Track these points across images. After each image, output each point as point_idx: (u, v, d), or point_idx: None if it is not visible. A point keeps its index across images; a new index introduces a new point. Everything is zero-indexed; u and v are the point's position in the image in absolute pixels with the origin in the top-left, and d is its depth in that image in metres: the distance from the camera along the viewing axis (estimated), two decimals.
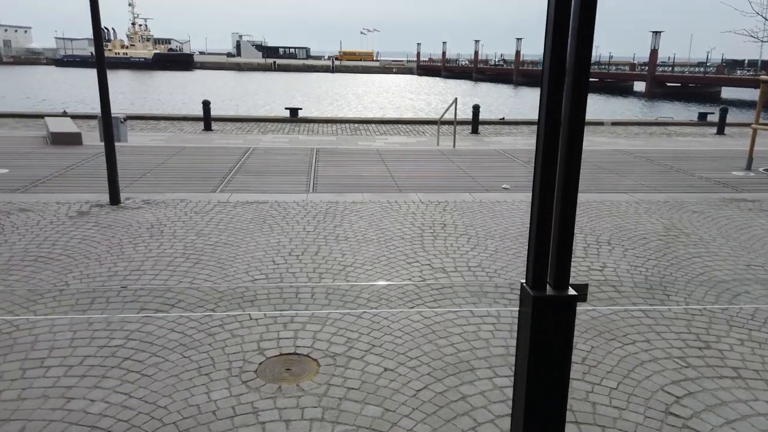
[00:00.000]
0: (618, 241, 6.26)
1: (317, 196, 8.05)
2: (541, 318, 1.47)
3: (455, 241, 6.19)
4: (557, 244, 1.47)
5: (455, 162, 11.11)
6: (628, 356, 3.83)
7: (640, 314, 4.46)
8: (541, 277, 1.49)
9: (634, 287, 4.99)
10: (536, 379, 1.51)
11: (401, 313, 4.42)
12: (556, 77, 1.36)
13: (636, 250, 5.95)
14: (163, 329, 4.06)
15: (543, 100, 1.37)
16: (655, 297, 4.79)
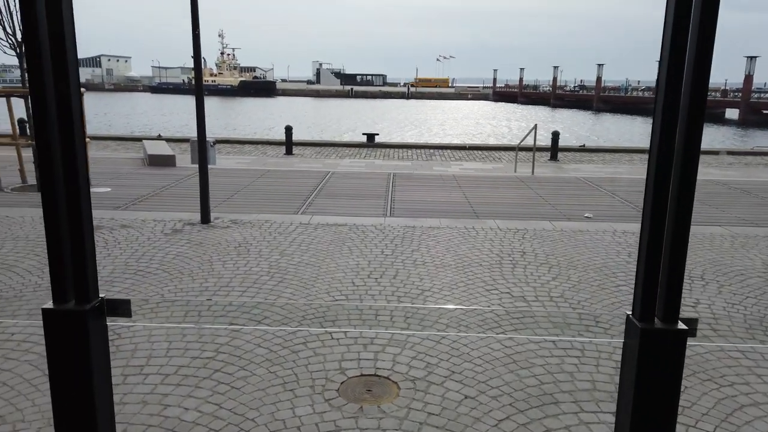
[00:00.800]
0: (712, 276, 5.92)
1: (394, 220, 8.15)
2: (648, 352, 1.44)
3: (535, 270, 6.08)
4: (667, 275, 1.44)
5: (534, 189, 10.92)
6: (725, 399, 3.59)
7: (738, 354, 4.18)
8: (649, 309, 1.46)
9: (731, 326, 4.69)
10: (642, 416, 1.47)
11: (481, 341, 4.38)
12: (671, 106, 1.36)
13: (732, 287, 5.60)
14: (251, 344, 4.24)
15: (656, 128, 1.37)
16: (755, 337, 4.48)
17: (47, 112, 1.36)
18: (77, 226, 1.47)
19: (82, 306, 1.52)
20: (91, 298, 1.54)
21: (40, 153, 1.40)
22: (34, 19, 1.33)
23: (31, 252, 6.29)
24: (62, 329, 1.51)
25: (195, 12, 7.11)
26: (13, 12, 9.06)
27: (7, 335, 4.30)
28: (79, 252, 1.49)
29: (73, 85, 1.38)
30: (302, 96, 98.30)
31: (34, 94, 1.36)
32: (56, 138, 1.39)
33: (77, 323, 1.51)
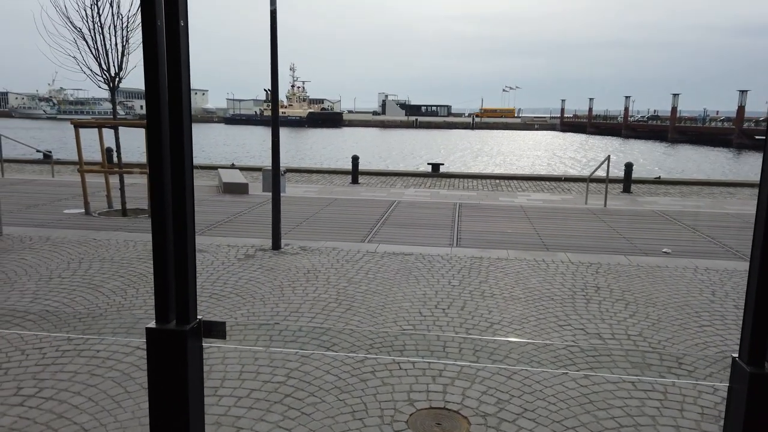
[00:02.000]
0: None
1: (461, 251, 8.07)
2: (758, 399, 1.34)
3: (611, 306, 5.83)
4: None
5: (607, 222, 10.55)
6: None
7: None
8: (759, 351, 1.37)
9: None
10: None
11: (554, 378, 4.22)
12: None
13: None
14: (320, 370, 4.27)
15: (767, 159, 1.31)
16: None
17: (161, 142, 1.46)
18: (182, 248, 1.55)
19: (182, 326, 1.59)
20: (191, 319, 1.61)
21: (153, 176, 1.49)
22: (154, 52, 1.44)
23: (116, 273, 6.66)
24: (163, 348, 1.58)
25: (274, 45, 7.45)
26: (109, 50, 9.82)
27: (93, 352, 4.54)
28: (182, 274, 1.57)
29: (185, 115, 1.48)
30: (368, 126, 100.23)
31: (151, 122, 1.47)
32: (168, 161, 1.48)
33: (177, 343, 1.58)
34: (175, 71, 1.47)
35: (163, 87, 1.48)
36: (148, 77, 1.48)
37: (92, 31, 9.73)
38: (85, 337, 4.82)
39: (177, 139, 1.47)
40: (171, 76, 1.47)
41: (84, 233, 8.64)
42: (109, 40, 9.79)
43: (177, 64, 1.47)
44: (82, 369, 4.23)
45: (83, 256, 7.33)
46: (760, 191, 1.35)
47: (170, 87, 1.48)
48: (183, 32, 1.48)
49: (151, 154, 1.47)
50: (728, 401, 1.51)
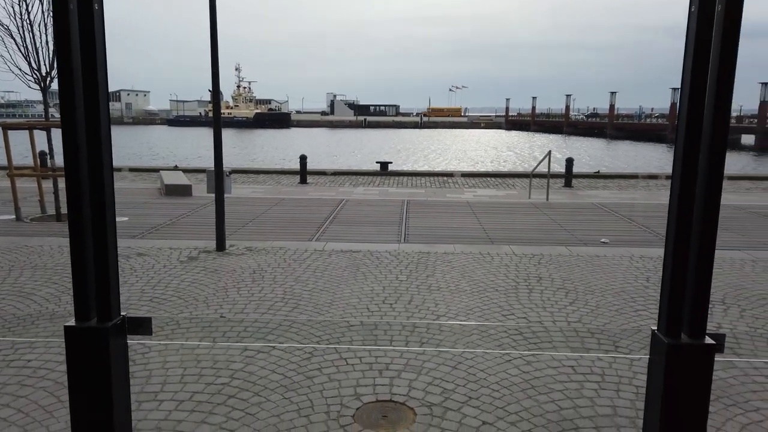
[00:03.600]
0: (733, 300, 5.80)
1: (409, 246, 8.13)
2: (675, 367, 1.41)
3: (552, 295, 6.00)
4: (694, 289, 1.43)
5: (549, 215, 10.86)
6: (751, 424, 3.48)
7: (763, 379, 4.07)
8: (675, 324, 1.44)
9: (754, 350, 4.58)
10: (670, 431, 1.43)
11: (498, 366, 4.31)
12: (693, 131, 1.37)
13: (755, 311, 5.47)
14: (265, 370, 4.21)
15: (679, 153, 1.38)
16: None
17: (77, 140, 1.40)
18: (102, 244, 1.50)
19: (104, 323, 1.53)
20: (113, 315, 1.55)
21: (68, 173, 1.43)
22: (67, 51, 1.38)
23: (49, 280, 6.35)
24: (84, 346, 1.52)
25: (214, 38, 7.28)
26: (39, 48, 9.36)
27: (23, 362, 4.32)
28: (102, 270, 1.51)
29: (103, 116, 1.42)
30: (316, 127, 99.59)
31: (66, 122, 1.40)
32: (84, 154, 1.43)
33: (99, 340, 1.52)
34: (89, 57, 1.41)
35: (77, 76, 1.41)
36: (60, 66, 1.41)
37: (21, 29, 9.26)
38: (15, 346, 4.58)
39: (93, 125, 1.42)
40: (86, 61, 1.41)
41: (15, 240, 8.21)
42: (39, 38, 9.34)
43: (92, 50, 1.41)
44: (11, 380, 4.02)
45: (13, 264, 6.96)
46: (672, 183, 1.42)
47: (85, 73, 1.41)
48: (98, 15, 1.42)
49: (67, 147, 1.41)
50: (649, 371, 1.58)
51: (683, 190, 1.44)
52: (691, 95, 1.36)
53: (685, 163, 1.46)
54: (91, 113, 1.43)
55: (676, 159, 1.48)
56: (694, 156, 1.44)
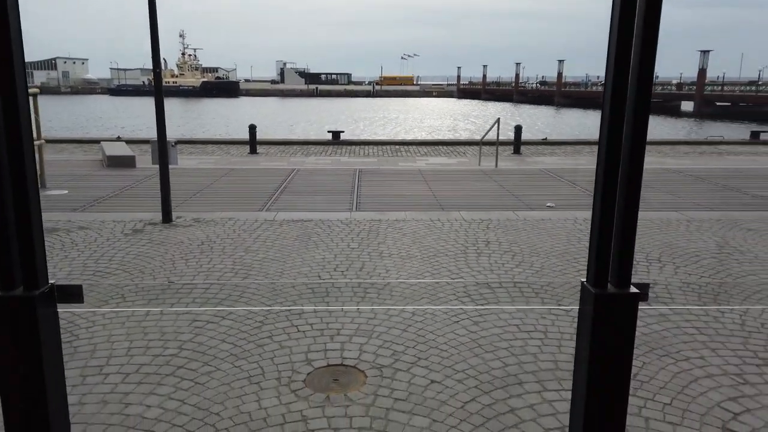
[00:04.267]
0: (669, 258, 6.10)
1: (360, 215, 8.15)
2: (603, 316, 1.48)
3: (500, 258, 6.16)
4: (619, 242, 1.49)
5: (498, 181, 11.07)
6: (681, 372, 3.71)
7: (694, 331, 4.33)
8: (602, 275, 1.51)
9: (686, 304, 4.85)
10: (597, 378, 1.51)
11: (447, 328, 4.42)
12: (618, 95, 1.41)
13: (688, 268, 5.79)
14: (215, 340, 4.18)
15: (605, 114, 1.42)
16: (708, 314, 4.64)
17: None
18: (24, 209, 1.43)
19: (30, 292, 1.48)
20: (41, 284, 1.50)
21: None
22: None
23: None
24: (9, 317, 1.47)
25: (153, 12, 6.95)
26: None
27: None
28: (26, 237, 1.45)
29: (19, 84, 1.34)
30: (266, 96, 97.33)
31: None
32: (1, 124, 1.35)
33: (26, 309, 1.46)
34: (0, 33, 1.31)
35: None
36: None
37: None
38: None
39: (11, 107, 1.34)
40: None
41: None
42: None
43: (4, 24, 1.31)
44: None
45: None
46: (599, 146, 1.46)
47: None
48: None
49: None
50: (579, 322, 1.65)
51: (609, 152, 1.50)
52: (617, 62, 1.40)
53: (611, 127, 1.51)
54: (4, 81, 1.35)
55: (602, 122, 1.54)
56: (620, 120, 1.50)
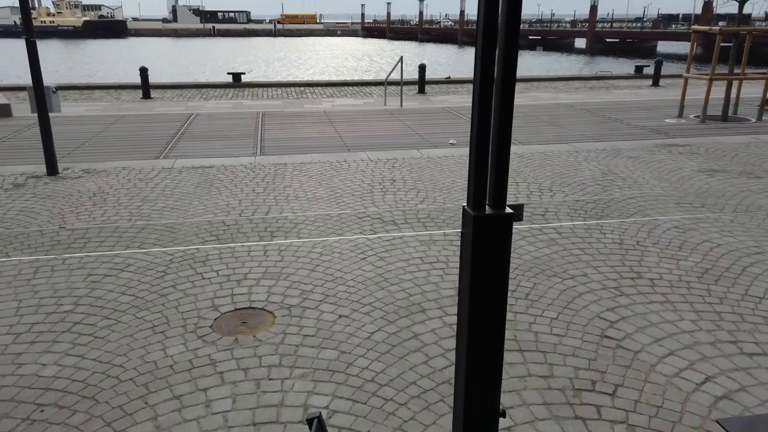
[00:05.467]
0: (559, 187, 6.52)
1: (265, 159, 7.98)
2: (480, 235, 1.59)
3: (405, 195, 6.31)
4: (495, 168, 1.59)
5: (403, 121, 11.16)
6: (567, 290, 4.07)
7: (579, 252, 4.72)
8: (480, 199, 1.61)
9: (573, 228, 5.25)
10: (478, 292, 1.63)
11: (354, 265, 4.52)
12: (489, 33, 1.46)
13: (575, 195, 6.23)
14: (114, 293, 4.03)
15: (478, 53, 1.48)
16: (592, 236, 5.06)
17: None
18: None
19: None
20: None
21: None
22: None
23: None
24: None
25: None
26: None
27: None
28: None
29: None
30: (158, 36, 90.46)
31: None
32: None
33: None
34: None
35: None
36: None
37: None
38: None
39: None
40: None
41: None
42: None
43: None
44: None
45: None
46: (474, 81, 1.52)
47: None
48: None
49: None
50: (461, 244, 1.76)
51: (483, 87, 1.56)
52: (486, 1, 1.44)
53: (483, 63, 1.57)
54: None
55: (476, 58, 1.59)
56: (491, 55, 1.56)
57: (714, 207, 5.79)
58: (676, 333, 3.49)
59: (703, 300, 3.89)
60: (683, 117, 10.96)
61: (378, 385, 3.03)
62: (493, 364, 1.71)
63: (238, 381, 3.07)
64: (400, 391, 2.99)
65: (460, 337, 1.77)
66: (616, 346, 3.36)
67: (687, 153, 8.08)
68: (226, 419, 2.78)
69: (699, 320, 3.63)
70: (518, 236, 5.06)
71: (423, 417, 2.80)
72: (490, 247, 1.68)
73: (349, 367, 3.19)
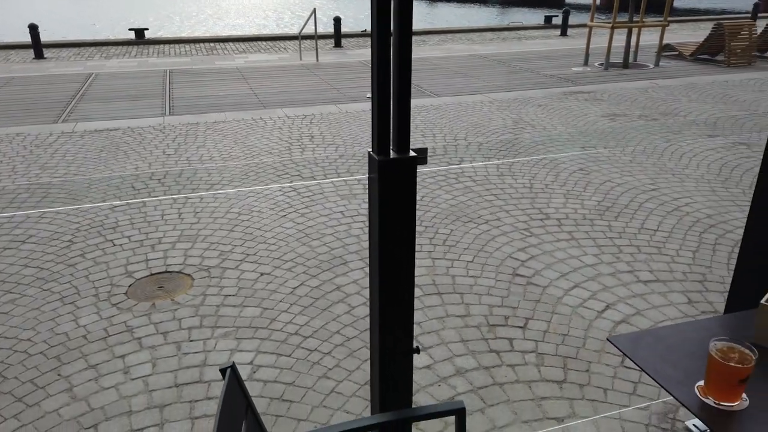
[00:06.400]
0: (474, 137, 6.69)
1: (175, 119, 7.62)
2: (386, 179, 1.62)
3: (324, 151, 6.26)
4: (397, 114, 1.61)
5: (319, 75, 10.94)
6: (482, 234, 4.24)
7: (492, 197, 4.91)
8: (384, 144, 1.64)
9: (487, 175, 5.44)
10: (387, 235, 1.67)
11: (274, 223, 4.48)
12: None
13: (489, 144, 6.42)
14: (15, 266, 3.79)
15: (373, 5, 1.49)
16: (505, 182, 5.26)
17: None
18: None
19: None
20: None
21: None
22: None
23: None
24: None
25: None
26: None
27: None
28: None
29: None
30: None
31: None
32: None
33: None
34: None
35: None
36: None
37: None
38: None
39: None
40: None
41: None
42: None
43: None
44: None
45: None
46: (371, 32, 1.53)
47: None
48: None
49: None
50: (369, 187, 1.79)
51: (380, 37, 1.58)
52: None
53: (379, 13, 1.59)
54: None
55: (372, 9, 1.61)
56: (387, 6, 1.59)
57: (615, 149, 6.16)
58: (580, 267, 3.75)
59: (605, 235, 4.19)
60: (588, 65, 11.44)
61: (302, 338, 3.07)
62: (404, 302, 1.78)
63: (157, 345, 3.01)
64: (324, 341, 3.04)
65: (373, 278, 1.83)
66: (526, 283, 3.57)
67: (591, 99, 8.48)
68: (147, 383, 2.73)
69: (600, 254, 3.91)
70: (435, 186, 5.18)
71: (347, 363, 2.87)
72: (396, 190, 1.72)
73: (273, 323, 3.20)
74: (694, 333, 1.65)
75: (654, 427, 2.45)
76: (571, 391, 2.67)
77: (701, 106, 8.02)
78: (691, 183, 5.18)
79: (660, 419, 2.49)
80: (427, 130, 7.03)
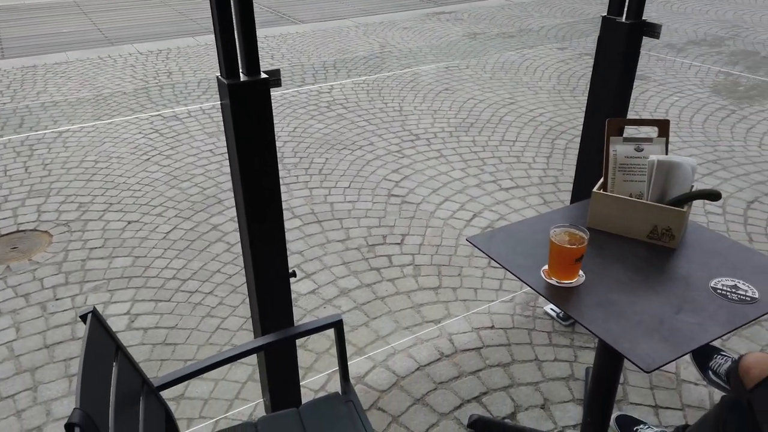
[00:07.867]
0: (342, 64, 6.61)
1: (7, 63, 6.72)
2: (239, 103, 1.58)
3: (185, 88, 5.88)
4: (242, 33, 1.55)
5: (172, 6, 10.07)
6: (356, 159, 4.30)
7: (365, 123, 4.95)
8: (233, 67, 1.58)
9: (357, 102, 5.45)
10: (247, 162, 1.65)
11: (137, 168, 4.21)
12: None
13: (358, 70, 6.38)
14: None
15: None
16: (375, 107, 5.31)
17: None
18: None
19: None
20: None
21: None
22: None
23: None
24: None
25: None
26: None
27: None
28: None
29: None
30: None
31: None
32: None
33: None
34: None
35: None
36: None
37: None
38: None
39: None
40: None
41: None
42: None
43: None
44: None
45: None
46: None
47: None
48: None
49: None
50: (222, 115, 1.74)
51: None
52: None
53: None
54: None
55: None
56: None
57: (476, 67, 6.40)
58: (449, 182, 3.95)
59: (470, 150, 4.42)
60: None
61: (181, 281, 3.00)
62: (274, 227, 1.79)
63: (19, 309, 2.79)
64: (204, 281, 2.99)
65: (239, 208, 1.81)
66: (401, 202, 3.71)
67: (453, 19, 8.65)
68: (12, 349, 2.55)
69: (467, 168, 4.14)
70: (307, 116, 5.11)
71: (231, 299, 2.86)
72: (251, 114, 1.68)
73: (147, 270, 3.08)
74: (541, 224, 1.83)
75: (518, 315, 2.74)
76: (445, 295, 2.89)
77: (552, 20, 8.49)
78: (545, 94, 5.56)
79: (523, 308, 2.79)
80: (295, 58, 6.82)
